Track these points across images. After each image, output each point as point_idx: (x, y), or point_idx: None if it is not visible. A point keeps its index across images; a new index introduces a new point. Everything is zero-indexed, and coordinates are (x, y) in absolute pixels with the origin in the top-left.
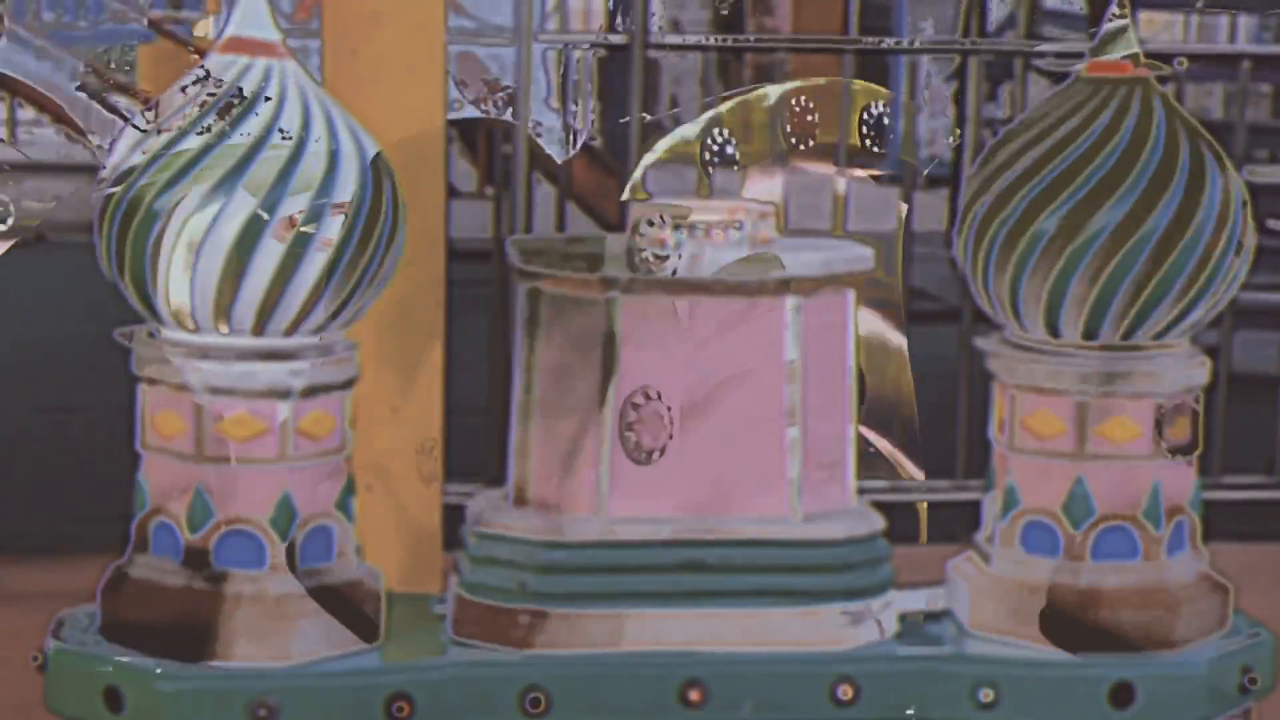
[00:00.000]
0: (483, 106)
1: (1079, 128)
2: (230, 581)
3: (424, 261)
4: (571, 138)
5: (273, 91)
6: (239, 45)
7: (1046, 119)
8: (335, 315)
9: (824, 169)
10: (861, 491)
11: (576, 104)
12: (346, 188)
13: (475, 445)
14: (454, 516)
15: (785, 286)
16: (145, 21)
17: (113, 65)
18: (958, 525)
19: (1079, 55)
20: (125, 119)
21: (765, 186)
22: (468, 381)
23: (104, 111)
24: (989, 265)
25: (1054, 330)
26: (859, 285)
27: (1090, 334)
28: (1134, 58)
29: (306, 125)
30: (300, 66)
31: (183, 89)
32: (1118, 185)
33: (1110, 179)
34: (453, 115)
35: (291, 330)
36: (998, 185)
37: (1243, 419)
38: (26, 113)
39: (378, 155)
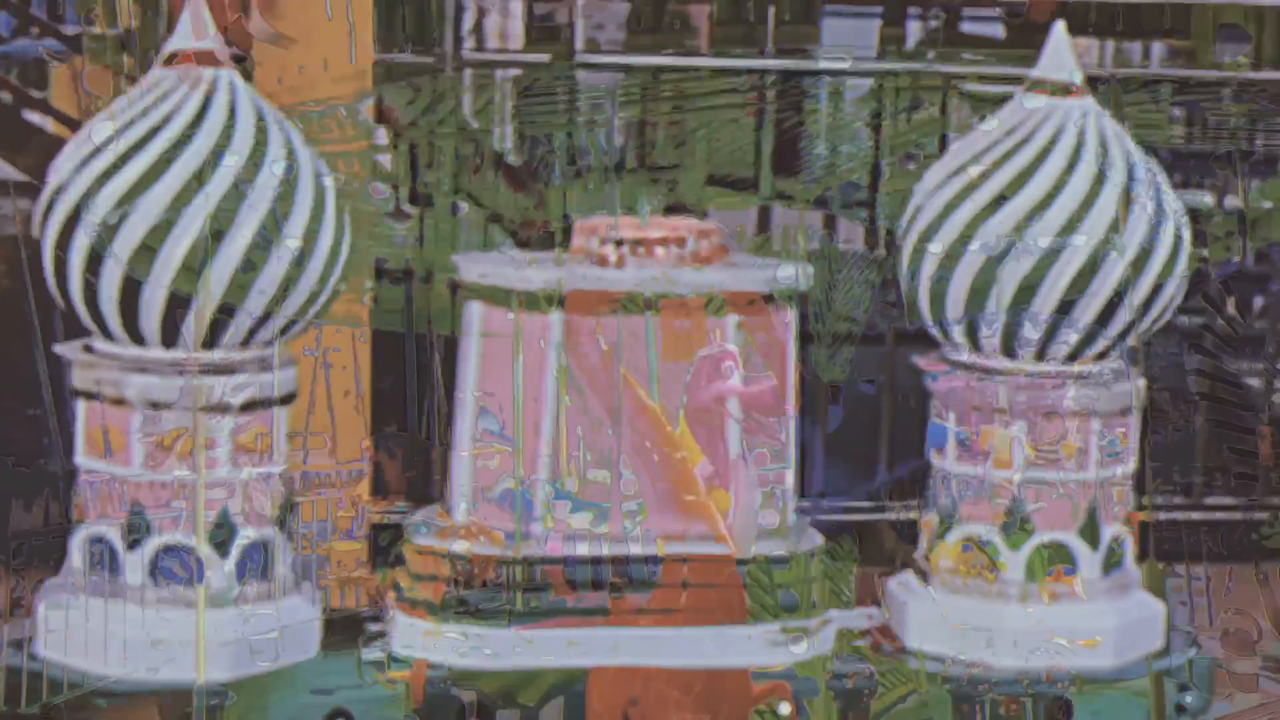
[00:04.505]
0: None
1: (1021, 150)
2: (168, 597)
3: (354, 281)
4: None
5: (223, 105)
6: (184, 58)
7: (988, 142)
8: (282, 332)
9: None
10: (801, 511)
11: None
12: (304, 206)
13: (401, 464)
14: (384, 535)
15: (727, 304)
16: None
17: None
18: (895, 545)
19: (1002, 79)
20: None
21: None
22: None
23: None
24: (938, 288)
25: (1009, 352)
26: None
27: (1041, 354)
28: (1075, 80)
29: (265, 142)
30: (241, 80)
31: (128, 103)
32: (1076, 208)
33: (1065, 201)
34: None
35: (241, 346)
36: (943, 207)
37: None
38: None
39: (328, 175)
